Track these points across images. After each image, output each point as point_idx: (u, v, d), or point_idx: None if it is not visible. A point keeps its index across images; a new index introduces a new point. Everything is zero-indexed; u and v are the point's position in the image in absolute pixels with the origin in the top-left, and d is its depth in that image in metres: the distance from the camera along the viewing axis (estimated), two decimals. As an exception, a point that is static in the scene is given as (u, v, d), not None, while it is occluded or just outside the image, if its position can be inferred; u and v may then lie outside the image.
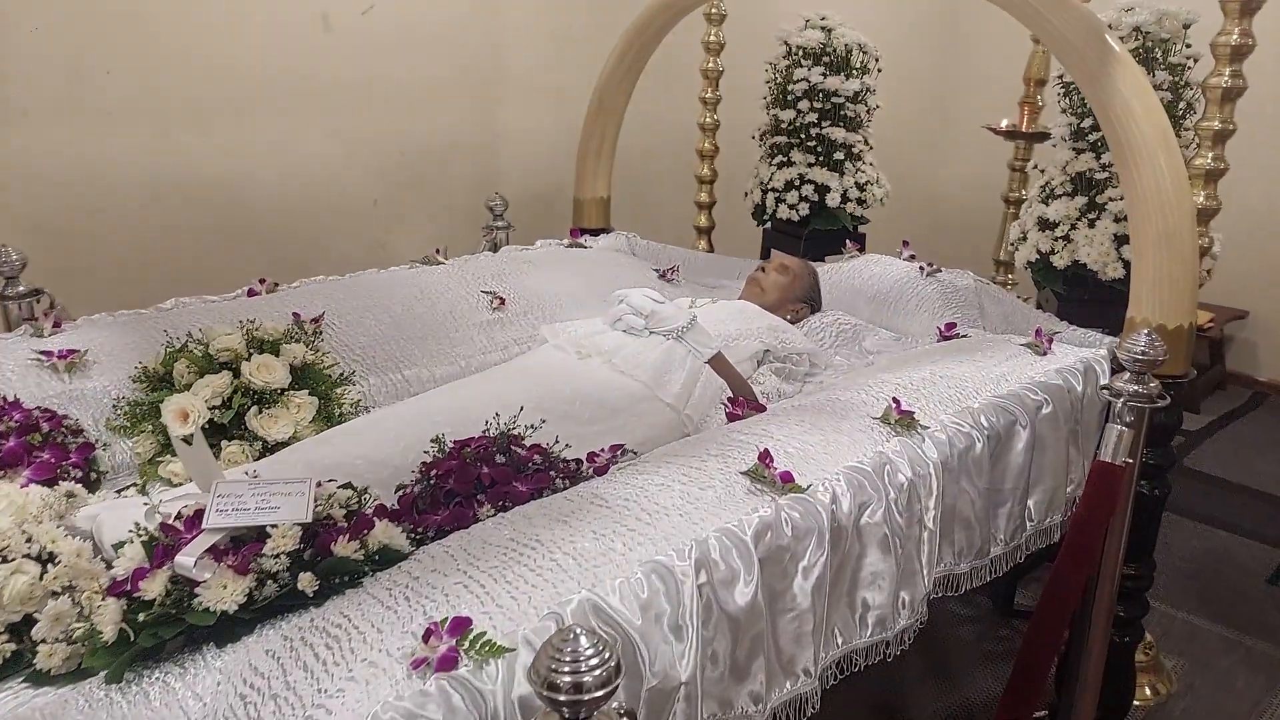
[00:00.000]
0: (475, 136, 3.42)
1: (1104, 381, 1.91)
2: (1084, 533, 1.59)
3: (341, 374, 2.03)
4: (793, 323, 2.53)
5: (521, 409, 1.68)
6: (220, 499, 1.17)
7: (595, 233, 3.11)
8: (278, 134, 2.98)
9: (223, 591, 1.08)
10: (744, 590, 1.19)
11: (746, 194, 3.34)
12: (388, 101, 3.18)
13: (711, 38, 3.21)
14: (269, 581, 1.11)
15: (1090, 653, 1.84)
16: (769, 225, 3.36)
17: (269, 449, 1.80)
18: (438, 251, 2.66)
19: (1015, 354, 1.95)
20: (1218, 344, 4.49)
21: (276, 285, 2.38)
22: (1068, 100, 2.52)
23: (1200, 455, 3.85)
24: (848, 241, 2.94)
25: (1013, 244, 2.63)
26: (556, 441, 1.60)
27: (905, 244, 2.84)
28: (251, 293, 2.34)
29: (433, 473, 1.48)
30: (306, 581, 1.12)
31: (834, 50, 3.07)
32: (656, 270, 2.90)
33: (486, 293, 2.50)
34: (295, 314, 2.18)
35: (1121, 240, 2.40)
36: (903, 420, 1.56)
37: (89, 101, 2.62)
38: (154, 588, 1.10)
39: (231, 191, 2.93)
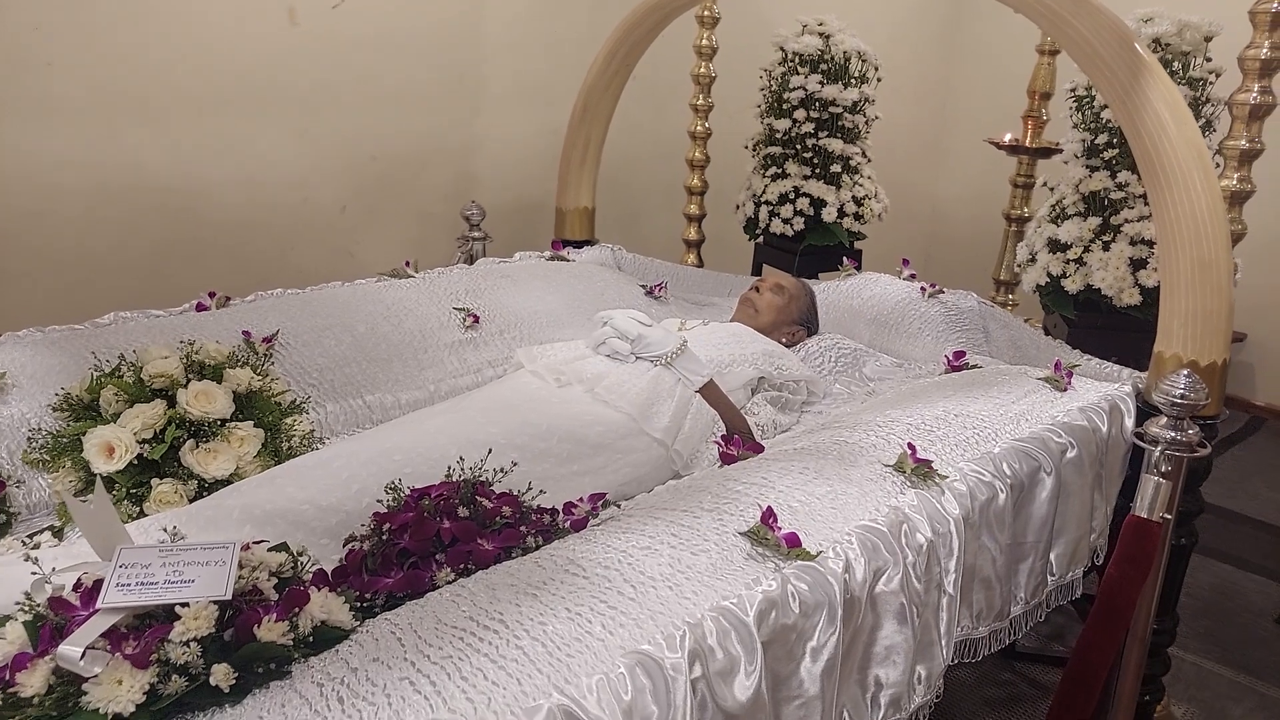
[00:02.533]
0: (453, 141, 3.22)
1: (1129, 420, 1.75)
2: (1118, 594, 1.43)
3: (294, 401, 1.84)
4: (788, 346, 2.36)
5: (490, 451, 1.50)
6: (123, 570, 0.98)
7: (579, 245, 2.94)
8: (238, 135, 2.78)
9: (117, 689, 0.89)
10: (745, 683, 1.01)
11: (738, 207, 3.17)
12: (358, 102, 2.98)
13: (703, 42, 3.04)
14: (175, 675, 0.92)
15: (1117, 715, 1.68)
16: (761, 240, 3.19)
17: (206, 488, 1.61)
18: (407, 264, 2.47)
19: (1033, 389, 1.79)
20: (1216, 367, 4.36)
21: (228, 299, 2.19)
22: (1080, 115, 2.37)
23: (1201, 483, 3.70)
24: (845, 259, 2.78)
25: (1020, 265, 2.48)
26: (529, 488, 1.42)
27: (905, 262, 2.68)
28: (200, 307, 2.15)
29: (385, 526, 1.29)
30: (221, 675, 0.93)
31: (832, 58, 2.91)
32: (643, 286, 2.73)
33: (459, 309, 2.32)
34: (245, 333, 1.99)
35: (1138, 265, 2.25)
36: (919, 469, 1.39)
37: (27, 97, 2.41)
38: (33, 682, 0.90)
39: (186, 196, 2.72)
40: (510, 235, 3.22)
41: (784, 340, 2.36)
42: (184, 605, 0.96)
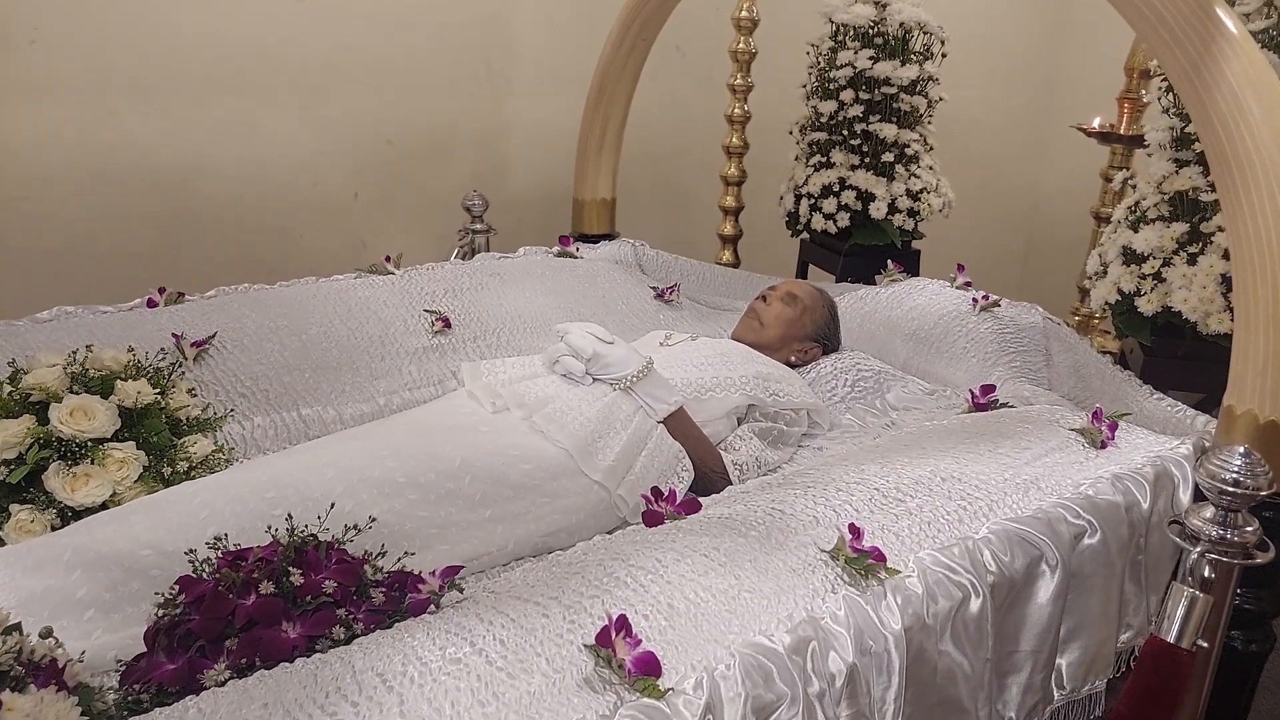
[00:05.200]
0: (478, 125, 2.99)
1: (1184, 492, 1.37)
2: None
3: (198, 416, 1.65)
4: (797, 365, 2.03)
5: (332, 505, 1.27)
6: None
7: (596, 239, 2.67)
8: (242, 117, 2.63)
9: None
10: None
11: (780, 199, 2.83)
12: (372, 82, 2.79)
13: (743, 13, 2.70)
14: None
15: None
16: (806, 236, 2.84)
17: (75, 516, 1.43)
18: (388, 259, 2.26)
19: (1060, 445, 1.42)
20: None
21: (181, 295, 2.03)
22: (1171, 96, 1.93)
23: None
24: (889, 261, 2.41)
25: (1089, 278, 2.06)
26: (382, 551, 1.18)
27: (960, 268, 2.31)
28: (151, 304, 2.00)
29: (181, 598, 1.07)
30: None
31: (887, 30, 2.53)
32: (654, 289, 2.44)
33: (430, 312, 2.10)
34: (175, 335, 1.82)
35: (1232, 283, 1.81)
36: (858, 561, 1.07)
37: (9, 75, 2.32)
38: None
39: (187, 180, 2.60)
40: (541, 229, 2.98)
41: (793, 359, 2.03)
42: None
